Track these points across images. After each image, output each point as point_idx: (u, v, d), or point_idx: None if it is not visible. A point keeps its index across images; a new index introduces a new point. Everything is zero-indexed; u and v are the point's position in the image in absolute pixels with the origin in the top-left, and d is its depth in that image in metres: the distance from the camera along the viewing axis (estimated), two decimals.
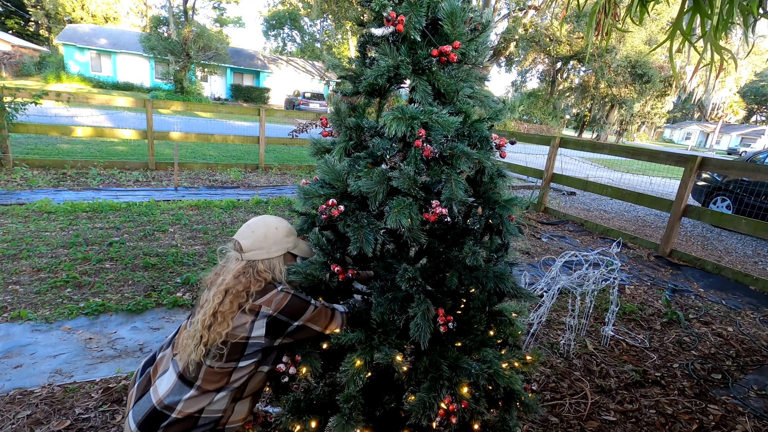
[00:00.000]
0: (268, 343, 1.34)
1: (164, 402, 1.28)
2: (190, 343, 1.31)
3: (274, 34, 38.66)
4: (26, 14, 37.20)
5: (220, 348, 1.28)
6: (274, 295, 1.34)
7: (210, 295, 1.35)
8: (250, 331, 1.30)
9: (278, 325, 1.33)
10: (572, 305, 3.22)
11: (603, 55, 24.41)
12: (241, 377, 1.33)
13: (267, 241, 1.40)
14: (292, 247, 1.48)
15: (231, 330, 1.28)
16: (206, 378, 1.29)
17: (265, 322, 1.31)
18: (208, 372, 1.29)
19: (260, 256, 1.39)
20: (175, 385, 1.30)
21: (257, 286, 1.34)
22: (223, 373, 1.30)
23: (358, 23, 1.57)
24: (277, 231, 1.44)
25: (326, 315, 1.42)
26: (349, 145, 1.48)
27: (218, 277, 1.40)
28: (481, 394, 1.38)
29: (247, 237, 1.40)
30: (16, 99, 6.19)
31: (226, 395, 1.32)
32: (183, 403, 1.28)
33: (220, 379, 1.30)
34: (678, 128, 56.54)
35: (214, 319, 1.29)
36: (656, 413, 2.37)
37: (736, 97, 39.75)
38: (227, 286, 1.33)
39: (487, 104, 1.50)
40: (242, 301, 1.31)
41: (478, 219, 1.42)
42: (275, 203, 5.91)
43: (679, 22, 1.80)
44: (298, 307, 1.35)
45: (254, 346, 1.32)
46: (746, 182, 6.94)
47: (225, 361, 1.29)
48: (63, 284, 3.19)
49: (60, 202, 4.94)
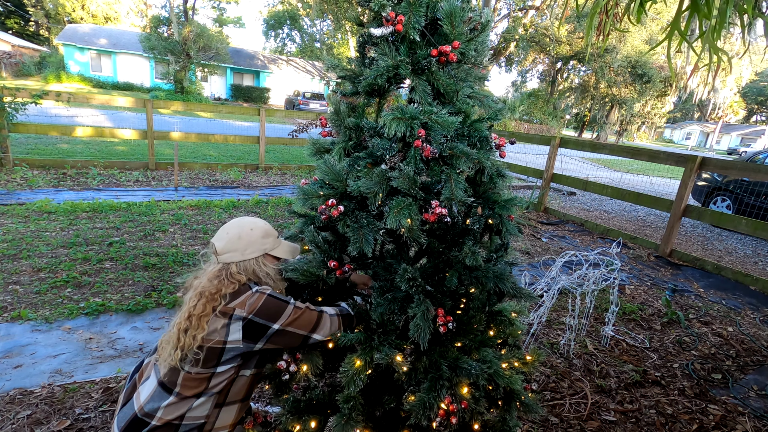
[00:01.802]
0: (246, 348, 1.29)
1: (144, 409, 1.26)
2: (167, 347, 1.28)
3: (274, 34, 38.65)
4: (26, 14, 37.21)
5: (197, 353, 1.25)
6: (247, 297, 1.29)
7: (186, 297, 1.34)
8: (226, 336, 1.26)
9: (255, 329, 1.28)
10: (572, 305, 3.22)
11: (603, 55, 24.41)
12: (221, 382, 1.29)
13: (241, 243, 1.36)
14: (270, 248, 1.43)
15: (206, 334, 1.25)
16: (184, 384, 1.26)
17: (240, 325, 1.26)
18: (185, 377, 1.26)
19: (234, 259, 1.35)
20: (155, 392, 1.28)
21: (230, 288, 1.30)
22: (202, 378, 1.27)
23: (357, 23, 1.57)
24: (251, 232, 1.39)
25: (310, 318, 1.35)
26: (349, 145, 1.48)
27: (196, 279, 1.38)
28: (481, 394, 1.38)
29: (221, 239, 1.37)
30: (16, 99, 6.19)
31: (207, 401, 1.28)
32: (162, 410, 1.25)
33: (198, 385, 1.27)
34: (678, 128, 56.53)
35: (189, 322, 1.26)
36: (656, 413, 2.37)
37: (737, 97, 39.72)
38: (202, 288, 1.31)
39: (486, 104, 1.50)
40: (216, 304, 1.27)
41: (478, 219, 1.42)
42: (275, 203, 5.92)
43: (677, 22, 1.80)
44: (274, 308, 1.30)
45: (232, 351, 1.27)
46: (746, 182, 6.94)
47: (202, 366, 1.26)
48: (63, 284, 3.19)
49: (60, 202, 4.94)
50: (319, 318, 1.36)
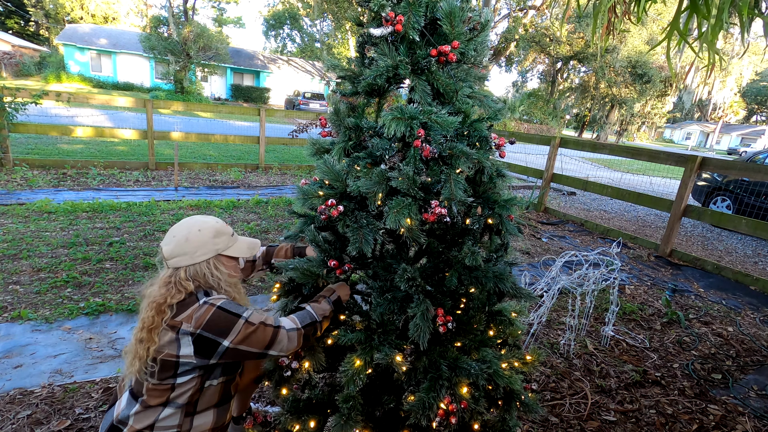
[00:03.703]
0: (201, 363, 1.21)
1: (119, 416, 1.24)
2: (128, 357, 1.24)
3: (274, 34, 38.66)
4: (26, 14, 37.22)
5: (152, 365, 1.20)
6: (194, 310, 1.20)
7: (142, 306, 1.27)
8: (177, 350, 1.18)
9: (206, 344, 1.19)
10: (572, 305, 3.22)
11: (604, 55, 24.41)
12: (185, 392, 1.23)
13: (189, 245, 1.26)
14: (223, 248, 1.32)
15: (158, 347, 1.18)
16: (148, 393, 1.22)
17: (190, 340, 1.18)
18: (148, 387, 1.22)
19: (183, 263, 1.25)
20: (127, 400, 1.26)
21: (177, 298, 1.21)
22: (163, 389, 1.21)
23: (357, 23, 1.57)
24: (200, 233, 1.28)
25: (264, 336, 1.23)
26: (349, 145, 1.48)
27: (150, 287, 1.29)
28: (481, 394, 1.38)
29: (169, 242, 1.27)
30: (17, 99, 6.19)
31: (176, 412, 1.23)
32: (132, 418, 1.22)
33: (161, 394, 1.21)
34: (678, 128, 56.51)
35: (142, 334, 1.20)
36: (656, 413, 2.36)
37: (737, 97, 39.73)
38: (153, 298, 1.23)
39: (486, 104, 1.50)
40: (164, 315, 1.20)
41: (478, 219, 1.42)
42: (275, 203, 5.92)
43: (676, 22, 1.80)
44: (223, 322, 1.19)
45: (186, 365, 1.21)
46: (746, 182, 6.93)
47: (158, 378, 1.20)
48: (63, 284, 3.19)
49: (60, 202, 4.95)
50: (275, 335, 1.26)
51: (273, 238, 4.59)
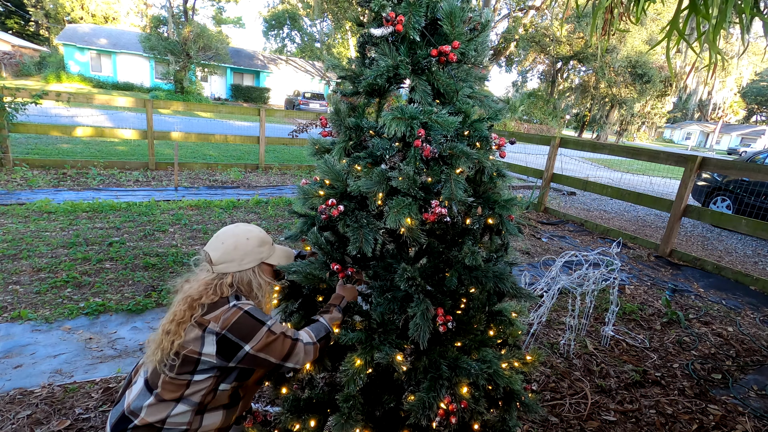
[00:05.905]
0: (220, 364, 1.24)
1: (131, 407, 1.25)
2: (152, 345, 1.27)
3: (274, 34, 38.62)
4: (26, 14, 37.21)
5: (173, 359, 1.22)
6: (223, 312, 1.24)
7: (175, 300, 1.31)
8: (201, 347, 1.22)
9: (229, 346, 1.23)
10: (572, 305, 3.22)
11: (604, 55, 24.41)
12: (199, 391, 1.26)
13: (237, 252, 1.33)
14: (267, 256, 1.40)
15: (182, 342, 1.22)
16: (164, 386, 1.24)
17: (214, 339, 1.22)
18: (164, 380, 1.24)
19: (231, 269, 1.32)
20: (141, 390, 1.27)
21: (212, 299, 1.26)
22: (179, 383, 1.24)
23: (357, 23, 1.58)
24: (248, 241, 1.35)
25: (283, 346, 1.27)
26: (349, 145, 1.48)
27: (186, 283, 1.34)
28: (481, 394, 1.38)
29: (216, 248, 1.33)
30: (17, 99, 6.19)
31: (187, 410, 1.25)
32: (145, 410, 1.23)
33: (176, 389, 1.24)
34: (678, 128, 56.51)
35: (171, 326, 1.24)
36: (656, 413, 2.37)
37: (737, 97, 39.74)
38: (189, 293, 1.28)
39: (486, 104, 1.50)
40: (194, 312, 1.25)
41: (478, 219, 1.42)
42: (275, 203, 5.92)
43: (675, 22, 1.80)
44: (248, 326, 1.24)
45: (207, 363, 1.24)
46: (746, 182, 6.94)
47: (177, 372, 1.23)
48: (63, 284, 3.19)
49: (60, 202, 4.94)
50: (293, 347, 1.29)
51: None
